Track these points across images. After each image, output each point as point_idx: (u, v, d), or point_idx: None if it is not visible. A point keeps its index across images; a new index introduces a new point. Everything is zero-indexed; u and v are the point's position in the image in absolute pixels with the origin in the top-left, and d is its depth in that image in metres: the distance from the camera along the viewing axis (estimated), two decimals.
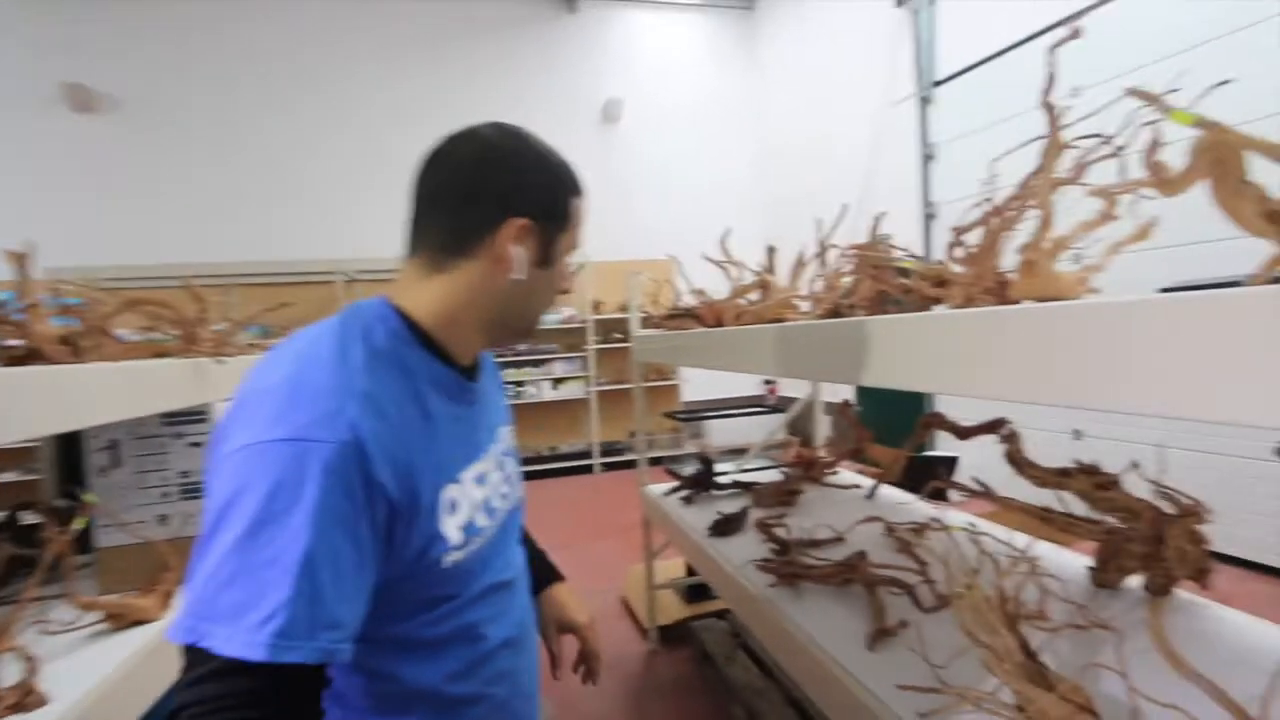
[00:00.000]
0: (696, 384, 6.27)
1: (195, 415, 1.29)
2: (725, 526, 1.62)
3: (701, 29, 6.80)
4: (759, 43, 6.85)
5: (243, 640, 0.47)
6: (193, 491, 1.29)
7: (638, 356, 2.18)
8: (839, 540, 1.45)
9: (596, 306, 5.82)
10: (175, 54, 5.30)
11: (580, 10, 6.32)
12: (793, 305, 1.21)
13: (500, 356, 5.67)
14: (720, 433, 5.17)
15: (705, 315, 1.64)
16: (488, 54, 6.07)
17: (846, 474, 2.10)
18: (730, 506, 1.79)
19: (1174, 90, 0.50)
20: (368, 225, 5.51)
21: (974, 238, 0.87)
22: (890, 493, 1.85)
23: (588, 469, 5.85)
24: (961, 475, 2.25)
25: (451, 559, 0.62)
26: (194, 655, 0.49)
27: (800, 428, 2.48)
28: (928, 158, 4.65)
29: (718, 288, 1.64)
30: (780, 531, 1.43)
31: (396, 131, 5.68)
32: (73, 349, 0.98)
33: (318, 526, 0.49)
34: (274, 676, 0.48)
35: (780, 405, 4.65)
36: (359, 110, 5.74)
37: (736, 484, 2.01)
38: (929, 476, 1.67)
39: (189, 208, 5.35)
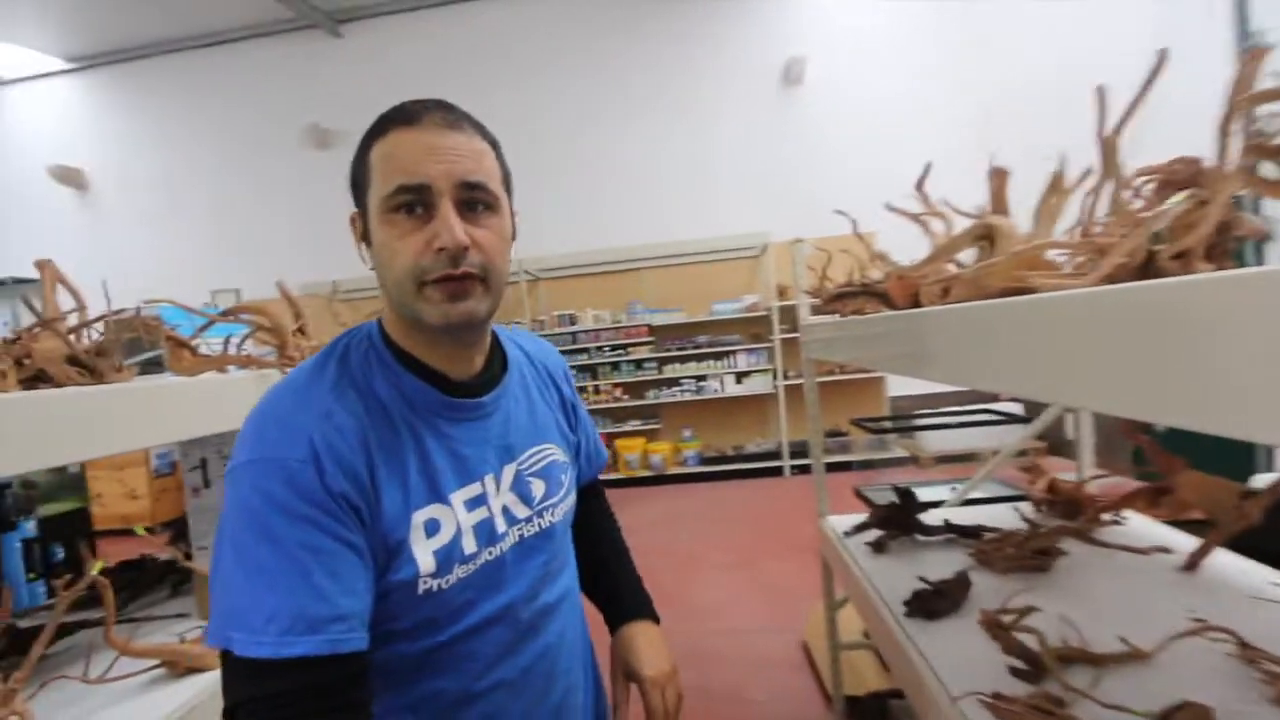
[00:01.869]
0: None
1: None
2: (931, 603, 1.10)
3: None
4: None
5: (253, 640, 0.50)
6: None
7: (807, 351, 1.70)
8: (1138, 657, 0.86)
9: (781, 292, 5.26)
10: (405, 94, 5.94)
11: None
12: (1046, 264, 0.67)
13: (680, 349, 5.41)
14: (938, 437, 4.30)
15: (893, 291, 1.12)
16: (645, 17, 5.81)
17: (1137, 521, 1.39)
18: (941, 564, 1.25)
19: None
20: (546, 225, 5.60)
21: None
22: (1227, 563, 1.14)
23: (777, 470, 5.34)
24: None
25: (426, 586, 0.61)
26: (227, 659, 0.52)
27: (1055, 440, 1.77)
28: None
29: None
30: (1028, 637, 0.88)
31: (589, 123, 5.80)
32: (90, 371, 0.86)
33: (294, 533, 0.53)
34: (298, 675, 0.51)
35: (1029, 411, 3.53)
36: (545, 115, 5.89)
37: (951, 527, 1.44)
38: None
39: None
